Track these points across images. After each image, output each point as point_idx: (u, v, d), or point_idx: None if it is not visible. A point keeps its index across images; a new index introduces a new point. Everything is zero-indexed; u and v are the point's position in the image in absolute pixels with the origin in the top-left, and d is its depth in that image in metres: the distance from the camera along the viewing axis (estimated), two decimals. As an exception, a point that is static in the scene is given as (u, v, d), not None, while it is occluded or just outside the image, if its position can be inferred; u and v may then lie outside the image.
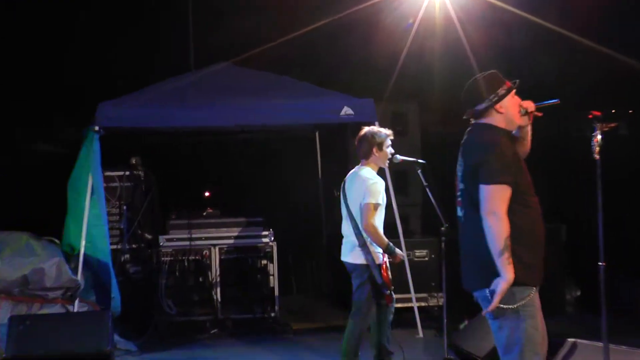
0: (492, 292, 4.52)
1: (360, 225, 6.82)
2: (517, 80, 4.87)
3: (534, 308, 4.66)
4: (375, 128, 7.20)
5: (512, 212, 4.56)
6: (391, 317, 7.10)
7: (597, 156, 5.01)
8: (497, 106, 4.75)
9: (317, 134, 11.29)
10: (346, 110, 9.04)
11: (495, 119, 4.77)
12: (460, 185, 4.80)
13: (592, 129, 5.07)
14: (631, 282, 9.53)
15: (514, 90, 4.83)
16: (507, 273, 4.47)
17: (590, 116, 5.08)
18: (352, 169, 11.03)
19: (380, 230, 6.84)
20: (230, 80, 9.67)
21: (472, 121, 4.87)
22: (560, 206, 9.19)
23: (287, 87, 9.69)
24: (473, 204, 4.63)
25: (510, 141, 4.78)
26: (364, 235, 6.80)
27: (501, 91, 4.77)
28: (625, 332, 7.87)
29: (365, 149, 7.10)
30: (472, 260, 4.76)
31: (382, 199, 6.88)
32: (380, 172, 8.97)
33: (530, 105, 4.83)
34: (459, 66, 11.21)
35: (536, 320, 4.66)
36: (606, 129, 5.06)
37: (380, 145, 7.06)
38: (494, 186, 4.53)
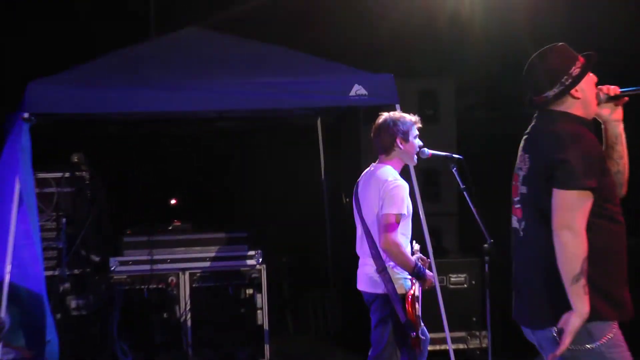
0: (560, 332, 4.54)
1: (377, 243, 6.73)
2: (593, 53, 4.91)
3: (622, 349, 4.68)
4: (398, 113, 7.17)
5: (590, 226, 4.59)
6: None
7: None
8: (573, 90, 4.81)
9: (319, 121, 11.29)
10: (357, 90, 8.96)
11: (571, 106, 4.85)
12: (522, 189, 4.86)
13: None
14: None
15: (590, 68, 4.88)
16: (581, 305, 4.51)
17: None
18: (367, 167, 11.10)
19: (406, 248, 6.77)
20: (202, 52, 9.62)
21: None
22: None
23: (279, 60, 9.65)
24: (539, 214, 4.69)
25: (593, 134, 4.80)
26: (383, 256, 6.71)
27: (575, 70, 4.83)
28: None
29: (385, 142, 7.03)
30: (532, 287, 4.80)
31: (406, 208, 6.81)
32: (404, 172, 8.98)
33: (612, 89, 4.86)
34: (508, 30, 11.21)
35: None
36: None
37: (405, 136, 6.99)
38: (574, 192, 4.58)
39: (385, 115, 7.13)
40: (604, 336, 4.61)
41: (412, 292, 6.72)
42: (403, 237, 6.80)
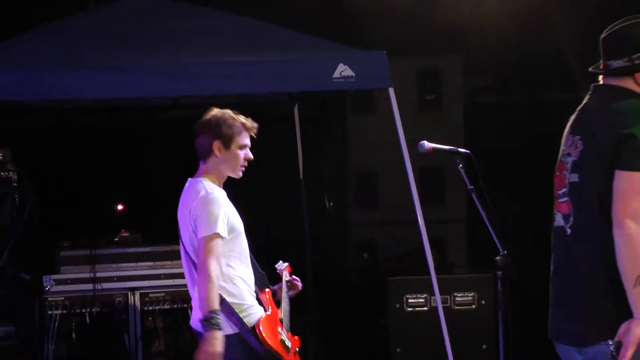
0: (619, 345, 4.55)
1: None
2: None
3: None
4: (228, 113, 6.81)
5: None
6: None
7: None
8: (639, 73, 4.86)
9: (296, 109, 11.22)
10: (342, 71, 8.95)
11: (632, 87, 4.88)
12: (572, 177, 4.91)
13: None
14: None
15: None
16: None
17: None
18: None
19: (237, 272, 6.51)
20: (151, 25, 9.57)
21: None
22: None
23: (246, 34, 9.66)
24: (597, 206, 4.71)
25: None
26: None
27: None
28: None
29: (203, 143, 6.69)
30: (583, 296, 4.83)
31: (222, 225, 6.43)
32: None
33: None
34: (525, 5, 11.21)
35: None
36: None
37: (227, 141, 6.65)
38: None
39: (212, 112, 6.81)
40: None
41: (262, 318, 6.45)
42: (237, 261, 6.54)
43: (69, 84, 8.72)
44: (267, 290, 6.83)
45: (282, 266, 7.27)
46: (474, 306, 9.79)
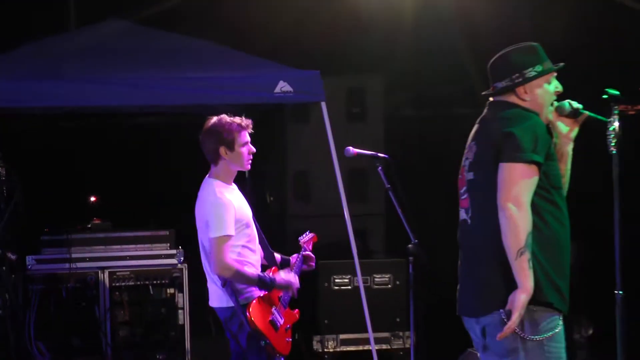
0: (509, 313, 4.64)
1: (211, 269, 6.54)
2: (562, 64, 5.02)
3: (561, 346, 4.82)
4: (225, 119, 6.84)
5: (538, 211, 4.73)
6: None
7: (613, 150, 5.11)
8: (520, 90, 4.95)
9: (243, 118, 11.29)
10: (282, 87, 9.02)
11: (516, 100, 4.97)
12: (469, 175, 4.98)
13: (609, 113, 5.15)
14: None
15: (551, 75, 4.99)
16: (525, 280, 4.61)
17: (605, 96, 5.17)
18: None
19: (250, 259, 6.60)
20: (124, 44, 9.65)
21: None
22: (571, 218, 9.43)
23: (203, 55, 9.73)
24: (487, 198, 4.77)
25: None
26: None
27: (530, 73, 4.93)
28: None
29: (210, 150, 6.72)
30: (480, 274, 4.90)
31: (236, 223, 6.52)
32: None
33: (568, 104, 5.06)
34: (438, 28, 11.31)
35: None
36: (632, 113, 5.16)
37: (230, 144, 6.70)
38: (520, 165, 4.68)
39: (213, 119, 6.84)
40: (550, 328, 4.73)
41: (255, 300, 6.49)
42: (246, 249, 6.59)
43: (50, 93, 8.76)
44: (273, 268, 6.84)
45: (305, 238, 7.22)
46: (389, 286, 9.93)
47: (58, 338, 9.33)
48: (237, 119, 6.80)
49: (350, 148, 7.32)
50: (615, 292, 5.10)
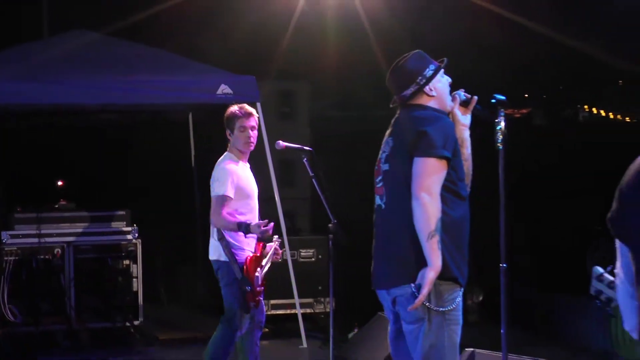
0: (418, 287, 4.60)
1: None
2: (445, 59, 4.99)
3: (460, 314, 4.80)
4: (229, 109, 7.18)
5: (445, 199, 4.68)
6: (259, 332, 7.00)
7: (500, 146, 5.13)
8: (427, 89, 4.88)
9: (190, 116, 11.26)
10: (224, 89, 9.04)
11: (427, 102, 4.90)
12: (384, 167, 4.90)
13: (496, 114, 5.17)
14: (541, 291, 9.89)
15: (442, 70, 4.95)
16: (435, 259, 4.56)
17: (493, 100, 5.17)
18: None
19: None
20: (90, 51, 9.60)
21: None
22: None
23: (157, 61, 9.71)
24: (401, 186, 4.72)
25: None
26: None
27: (428, 72, 4.88)
28: (529, 342, 8.21)
29: (225, 134, 7.14)
30: (392, 252, 4.84)
31: (237, 190, 6.86)
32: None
33: (462, 94, 5.02)
34: (358, 41, 11.36)
35: (459, 327, 4.80)
36: (518, 116, 5.19)
37: (231, 128, 7.05)
38: (432, 160, 4.64)
39: (231, 108, 7.14)
40: (452, 300, 4.70)
41: (250, 255, 6.79)
42: (241, 216, 6.82)
43: (24, 92, 8.72)
44: (261, 243, 6.96)
45: (276, 239, 7.26)
46: (313, 259, 9.94)
47: (28, 302, 9.22)
48: (236, 108, 7.10)
49: (280, 142, 7.29)
50: (500, 264, 5.13)
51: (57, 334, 9.25)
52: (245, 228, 6.73)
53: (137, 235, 9.53)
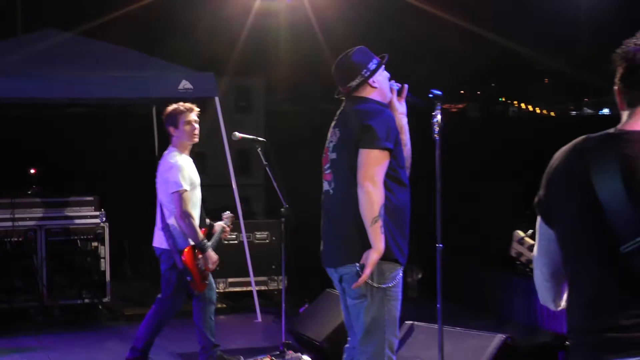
0: (362, 266, 4.66)
1: (166, 214, 6.78)
2: (386, 55, 5.04)
3: (400, 290, 4.87)
4: (173, 106, 7.06)
5: (388, 186, 4.73)
6: (212, 307, 7.02)
7: (436, 137, 5.18)
8: (370, 81, 4.91)
9: (154, 109, 11.21)
10: (185, 85, 9.02)
11: (370, 93, 4.94)
12: (332, 155, 4.93)
13: (433, 108, 5.22)
14: (473, 268, 9.98)
15: (384, 65, 5.00)
16: (378, 242, 4.64)
17: (431, 95, 5.23)
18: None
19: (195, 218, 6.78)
20: (61, 49, 9.52)
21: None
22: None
23: (123, 59, 9.63)
24: (347, 174, 4.77)
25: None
26: (166, 215, 6.79)
27: (372, 66, 4.92)
28: (463, 315, 8.30)
29: (167, 129, 7.04)
30: (339, 234, 4.89)
31: (189, 182, 6.81)
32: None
33: (400, 86, 5.06)
34: (308, 41, 11.40)
35: (400, 302, 4.87)
36: (454, 110, 5.25)
37: (175, 123, 6.92)
38: (376, 151, 4.68)
39: (167, 108, 7.06)
40: (393, 278, 4.77)
41: (189, 248, 6.73)
42: (193, 208, 6.78)
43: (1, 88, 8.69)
44: (203, 229, 6.95)
45: (227, 214, 7.34)
46: (267, 241, 9.88)
47: (3, 281, 9.11)
48: (181, 105, 6.99)
49: (237, 133, 7.37)
50: (437, 245, 5.19)
51: (31, 310, 9.16)
52: (203, 249, 6.72)
53: (104, 219, 9.46)
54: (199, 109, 7.11)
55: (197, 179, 6.93)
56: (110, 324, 9.10)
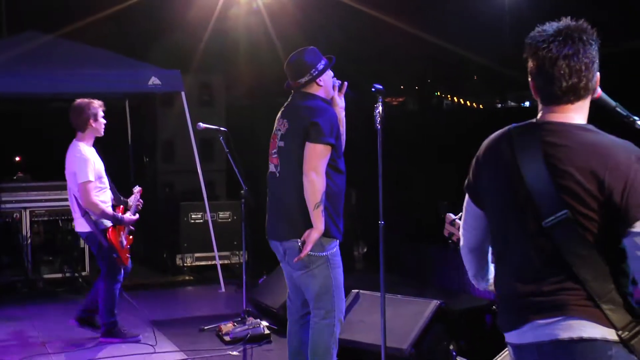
0: (303, 242, 4.71)
1: (81, 204, 6.63)
2: (333, 57, 5.06)
3: (339, 259, 4.92)
4: (87, 100, 6.90)
5: (328, 175, 4.78)
6: (118, 284, 6.91)
7: (378, 126, 5.19)
8: (318, 80, 4.93)
9: (127, 102, 11.13)
10: (154, 81, 9.00)
11: (316, 90, 4.95)
12: (280, 143, 4.92)
13: (376, 101, 5.23)
14: (412, 244, 10.04)
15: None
16: (319, 224, 4.69)
17: (373, 89, 5.24)
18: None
19: (104, 204, 6.70)
20: (44, 49, 9.42)
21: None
22: (350, 172, 9.66)
23: (100, 58, 9.56)
24: (293, 162, 4.79)
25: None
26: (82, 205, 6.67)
27: (320, 66, 4.94)
28: (403, 285, 8.36)
29: (82, 120, 6.79)
30: (284, 212, 4.91)
31: (95, 173, 6.68)
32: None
33: (340, 84, 5.09)
34: (264, 41, 11.37)
35: (341, 269, 4.92)
36: (395, 103, 5.26)
37: (95, 117, 6.81)
38: (321, 145, 4.72)
39: (77, 101, 6.89)
40: (330, 249, 4.82)
41: (112, 228, 6.71)
42: (101, 192, 6.71)
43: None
44: (120, 207, 6.93)
45: (136, 189, 7.23)
46: (229, 220, 9.87)
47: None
48: (95, 101, 6.87)
49: (201, 124, 7.35)
50: (379, 222, 5.20)
51: (17, 283, 9.08)
52: (119, 221, 6.71)
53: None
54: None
55: (102, 169, 6.81)
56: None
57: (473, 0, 16.09)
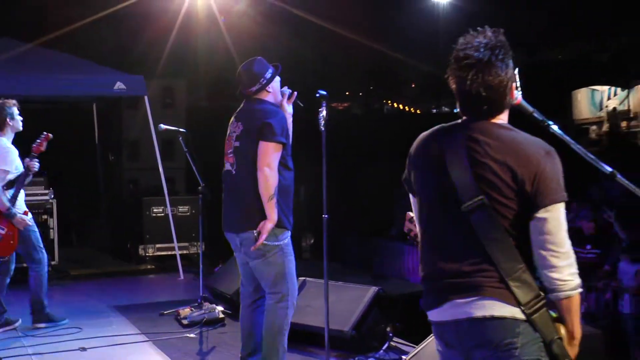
0: (259, 233, 4.69)
1: None
2: (279, 65, 5.03)
3: (292, 249, 4.90)
4: (10, 101, 6.76)
5: (279, 171, 4.75)
6: (8, 278, 6.84)
7: (322, 129, 5.17)
8: (267, 87, 4.91)
9: (94, 106, 11.00)
10: (119, 85, 8.89)
11: (266, 96, 4.92)
12: (236, 144, 4.86)
13: (320, 105, 5.20)
14: (354, 235, 10.07)
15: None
16: (273, 215, 4.67)
17: (317, 95, 5.21)
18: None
19: (3, 195, 6.54)
20: (15, 54, 9.28)
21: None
22: (300, 169, 9.68)
23: (68, 64, 9.45)
24: (248, 160, 4.74)
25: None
26: None
27: (268, 74, 4.91)
28: (345, 273, 8.37)
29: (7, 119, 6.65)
30: (241, 207, 4.83)
31: (12, 166, 6.58)
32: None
33: (289, 93, 5.06)
34: (222, 49, 11.32)
35: (293, 257, 4.91)
36: (340, 108, 5.24)
37: (12, 116, 6.70)
38: (273, 144, 4.69)
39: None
40: (283, 239, 4.80)
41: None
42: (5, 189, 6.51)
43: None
44: (25, 210, 6.77)
45: (40, 140, 6.97)
46: (188, 213, 9.80)
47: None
48: (11, 101, 6.73)
49: (162, 125, 7.27)
50: (323, 215, 5.18)
51: None
52: (12, 217, 6.54)
53: (52, 196, 9.24)
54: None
55: (19, 162, 6.69)
56: (58, 282, 8.85)
57: (411, 11, 16.18)
